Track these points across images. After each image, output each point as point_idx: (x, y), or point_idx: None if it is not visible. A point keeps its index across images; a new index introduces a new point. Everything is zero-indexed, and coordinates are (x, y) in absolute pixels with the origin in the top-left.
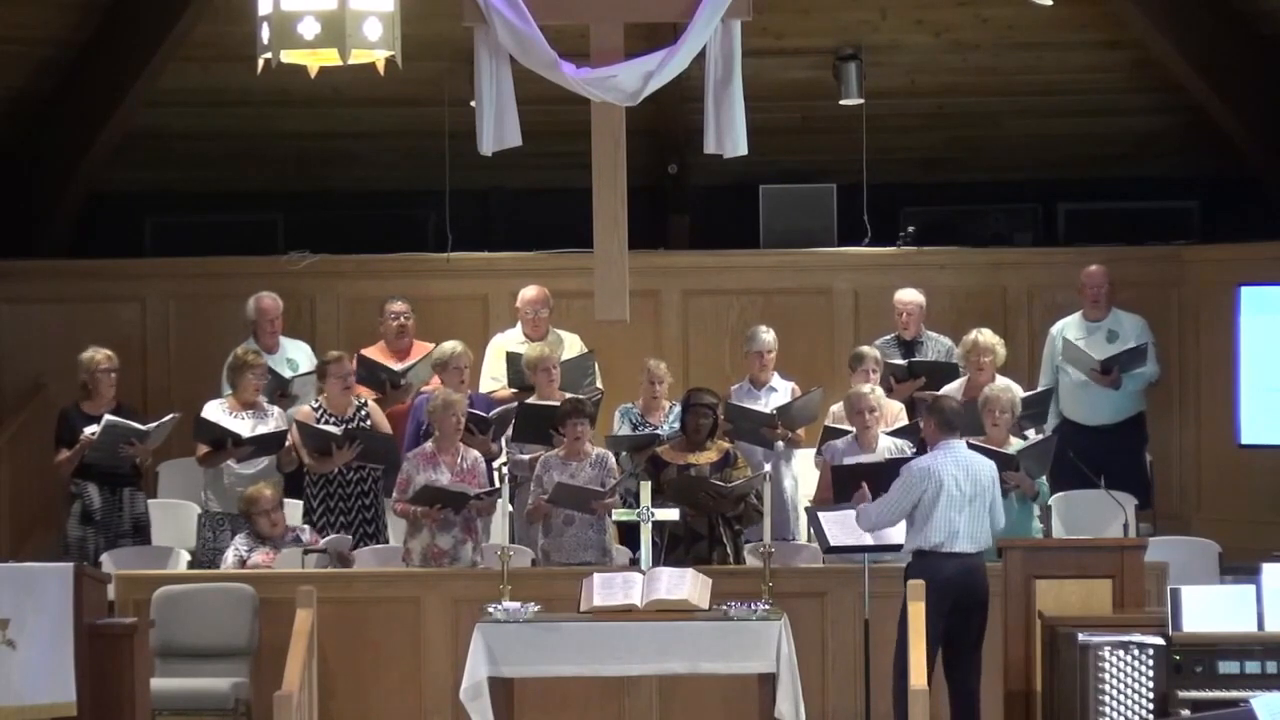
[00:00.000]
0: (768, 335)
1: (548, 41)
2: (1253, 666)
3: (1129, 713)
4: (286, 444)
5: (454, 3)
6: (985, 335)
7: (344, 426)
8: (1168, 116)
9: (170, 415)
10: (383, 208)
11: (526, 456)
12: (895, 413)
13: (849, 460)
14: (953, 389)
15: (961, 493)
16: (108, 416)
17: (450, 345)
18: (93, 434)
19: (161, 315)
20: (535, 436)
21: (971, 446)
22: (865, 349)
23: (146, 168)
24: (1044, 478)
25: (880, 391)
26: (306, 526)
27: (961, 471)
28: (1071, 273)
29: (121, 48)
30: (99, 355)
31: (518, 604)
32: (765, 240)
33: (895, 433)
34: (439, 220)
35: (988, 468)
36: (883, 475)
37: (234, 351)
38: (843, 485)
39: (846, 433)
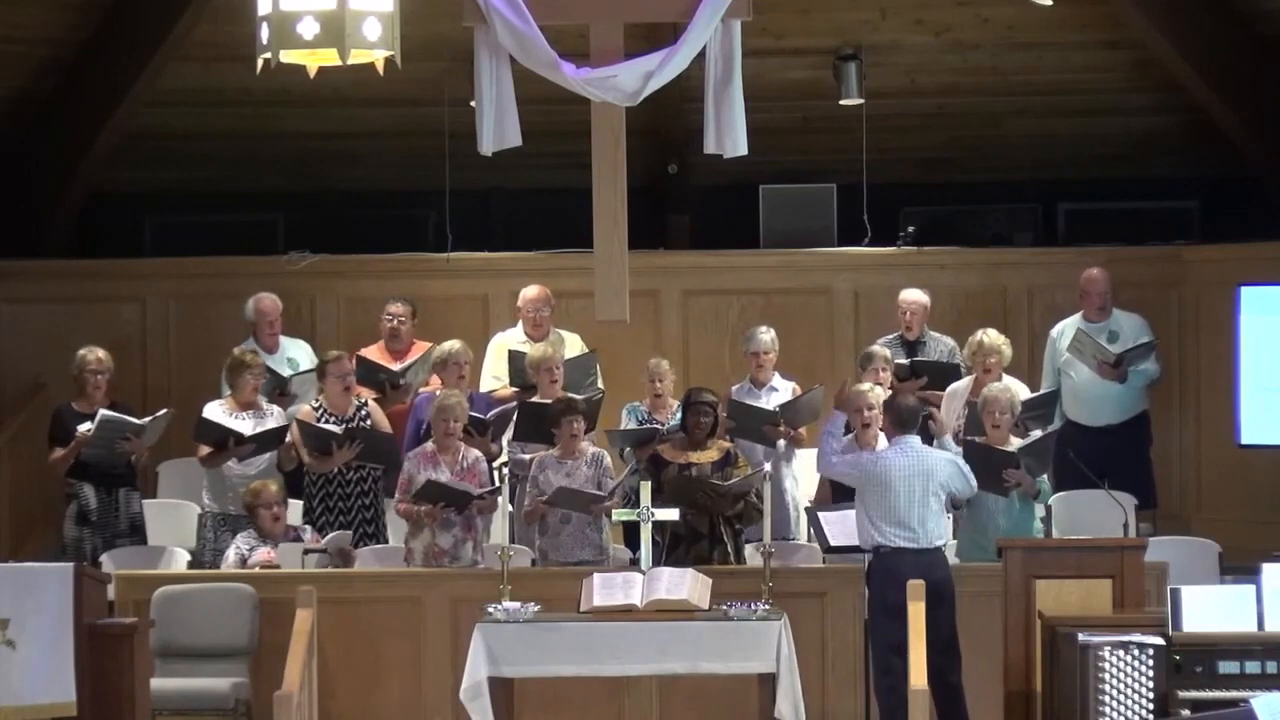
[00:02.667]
0: (766, 336)
1: (548, 41)
2: (1253, 666)
3: (1129, 713)
4: (287, 440)
5: (454, 3)
6: (991, 336)
7: (344, 426)
8: (1168, 116)
9: (164, 410)
10: (383, 208)
11: (528, 455)
12: None
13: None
14: (960, 389)
15: (911, 488)
16: (103, 412)
17: (450, 344)
18: (87, 431)
19: (161, 315)
20: (535, 435)
21: (971, 444)
22: (875, 349)
23: (146, 168)
24: (1045, 476)
25: (880, 391)
26: (307, 526)
27: (911, 467)
28: (1071, 273)
29: (121, 48)
30: (90, 356)
31: (518, 604)
32: (765, 240)
33: None
34: (439, 220)
35: (941, 461)
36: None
37: (232, 352)
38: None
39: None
